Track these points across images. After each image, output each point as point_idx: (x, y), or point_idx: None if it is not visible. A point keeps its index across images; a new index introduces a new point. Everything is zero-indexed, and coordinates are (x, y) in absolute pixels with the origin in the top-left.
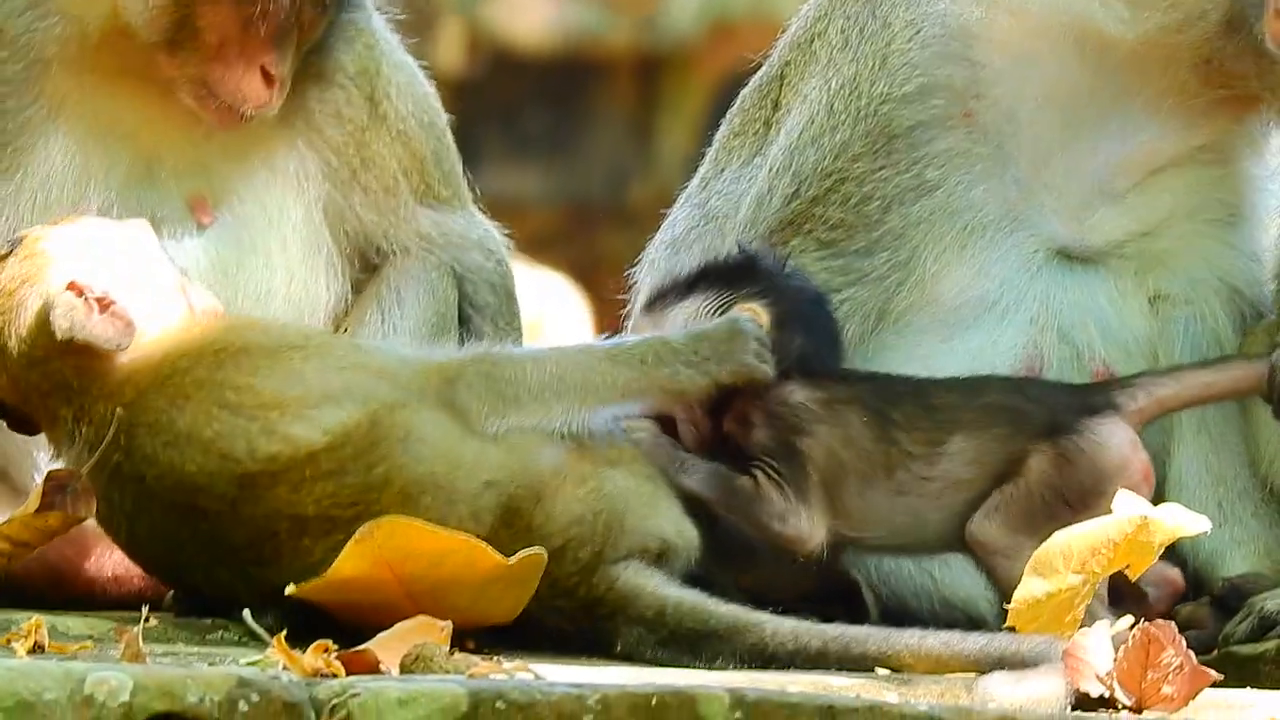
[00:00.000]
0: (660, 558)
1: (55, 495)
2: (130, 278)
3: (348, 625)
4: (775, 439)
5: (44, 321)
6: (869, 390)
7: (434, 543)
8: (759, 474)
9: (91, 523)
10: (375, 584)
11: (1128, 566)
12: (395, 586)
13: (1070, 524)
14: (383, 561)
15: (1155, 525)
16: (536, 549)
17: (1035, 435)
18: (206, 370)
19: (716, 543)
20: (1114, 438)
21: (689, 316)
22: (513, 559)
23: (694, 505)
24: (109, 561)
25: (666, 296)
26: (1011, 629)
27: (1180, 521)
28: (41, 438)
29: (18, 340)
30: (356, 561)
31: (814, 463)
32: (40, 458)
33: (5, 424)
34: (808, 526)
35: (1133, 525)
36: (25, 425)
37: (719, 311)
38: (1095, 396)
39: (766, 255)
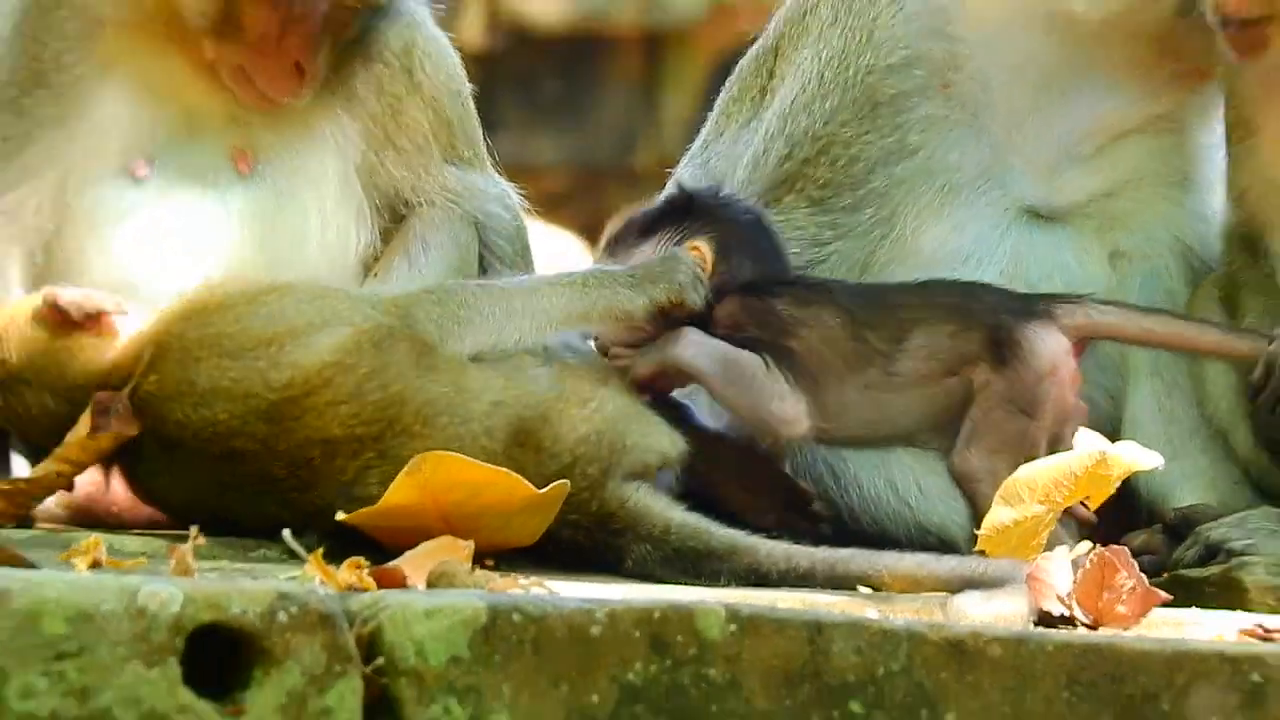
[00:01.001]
0: (660, 469)
1: (101, 418)
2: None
3: (379, 545)
4: (767, 339)
5: (39, 323)
6: (838, 295)
7: (476, 474)
8: (766, 356)
9: None
10: (418, 511)
11: (1088, 497)
12: (436, 514)
13: (1031, 431)
14: (429, 492)
15: (1113, 460)
16: (563, 481)
17: (981, 334)
18: (197, 331)
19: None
20: (1045, 341)
21: (645, 258)
22: (543, 490)
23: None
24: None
25: (624, 239)
26: (981, 553)
27: (1135, 457)
28: None
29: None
30: (406, 491)
31: (802, 359)
32: None
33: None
34: (802, 411)
35: (1092, 460)
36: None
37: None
38: (1036, 304)
39: (704, 191)
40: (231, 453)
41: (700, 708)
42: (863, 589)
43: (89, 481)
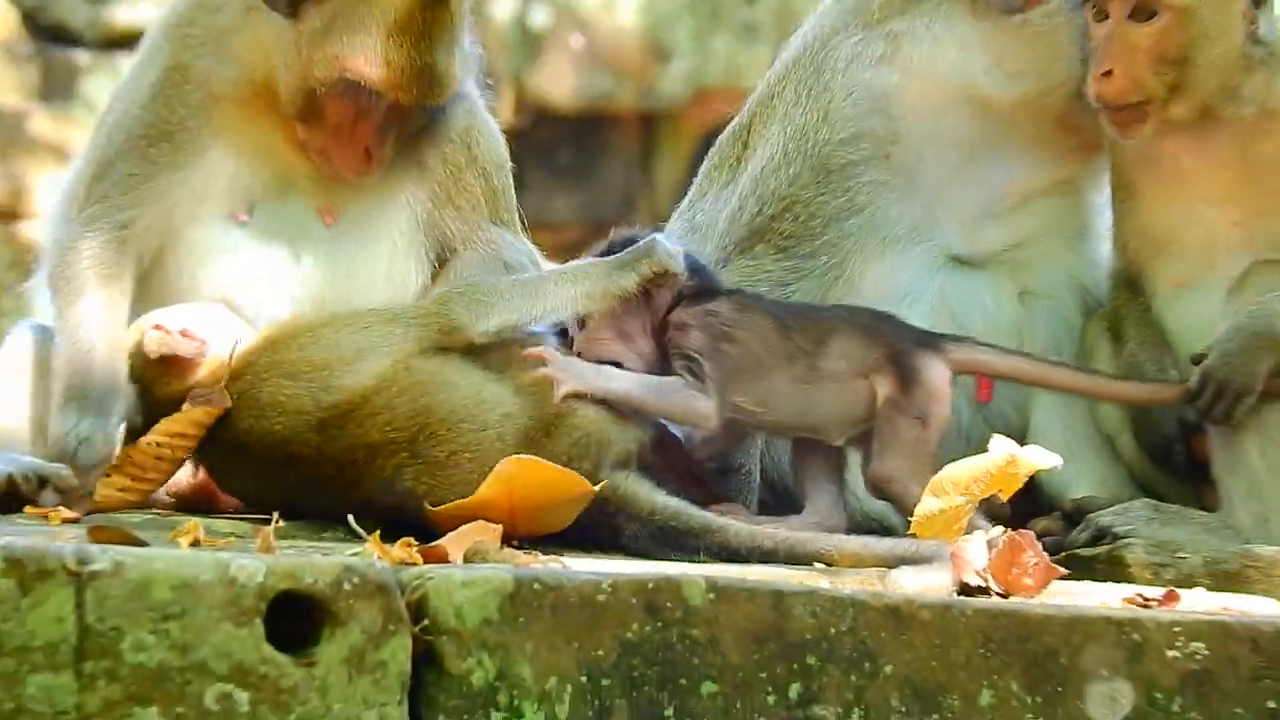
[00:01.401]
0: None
1: (198, 400)
2: (196, 318)
3: (424, 528)
4: (707, 339)
5: (141, 353)
6: (769, 305)
7: (549, 474)
8: (683, 372)
9: None
10: (495, 504)
11: (1001, 491)
12: (507, 507)
13: (926, 438)
14: (511, 487)
15: (1020, 461)
16: (603, 482)
17: (886, 350)
18: (268, 357)
19: None
20: (936, 369)
21: None
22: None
23: None
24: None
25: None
26: (913, 536)
27: (1038, 459)
28: None
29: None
30: (496, 487)
31: (732, 359)
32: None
33: None
34: (713, 408)
35: (1004, 460)
36: None
37: None
38: (930, 338)
39: (641, 234)
40: (289, 457)
41: (685, 660)
42: (818, 565)
43: (190, 476)
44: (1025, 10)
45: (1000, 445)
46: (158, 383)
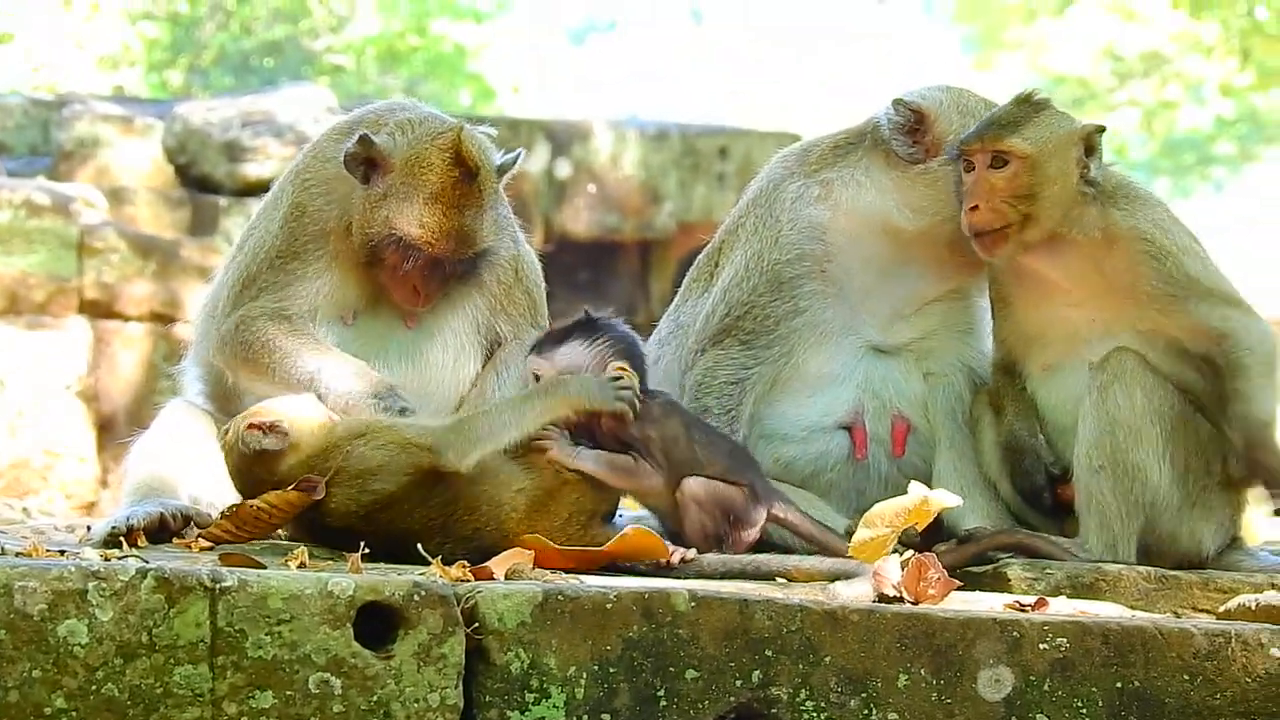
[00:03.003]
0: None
1: (304, 485)
2: (286, 409)
3: (474, 554)
4: (642, 430)
5: (236, 447)
6: (680, 410)
7: (654, 546)
8: (633, 454)
9: None
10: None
11: (916, 524)
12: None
13: (738, 539)
14: (620, 549)
15: (932, 501)
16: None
17: (746, 479)
18: (320, 463)
19: None
20: (761, 511)
21: (563, 355)
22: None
23: None
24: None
25: (546, 344)
26: (850, 557)
27: (946, 499)
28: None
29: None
30: (618, 546)
31: (659, 443)
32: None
33: None
34: (658, 481)
35: (920, 500)
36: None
37: (586, 348)
38: (766, 493)
39: (600, 314)
40: (346, 530)
41: (673, 652)
42: (778, 580)
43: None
44: (926, 161)
45: (916, 489)
46: (249, 472)
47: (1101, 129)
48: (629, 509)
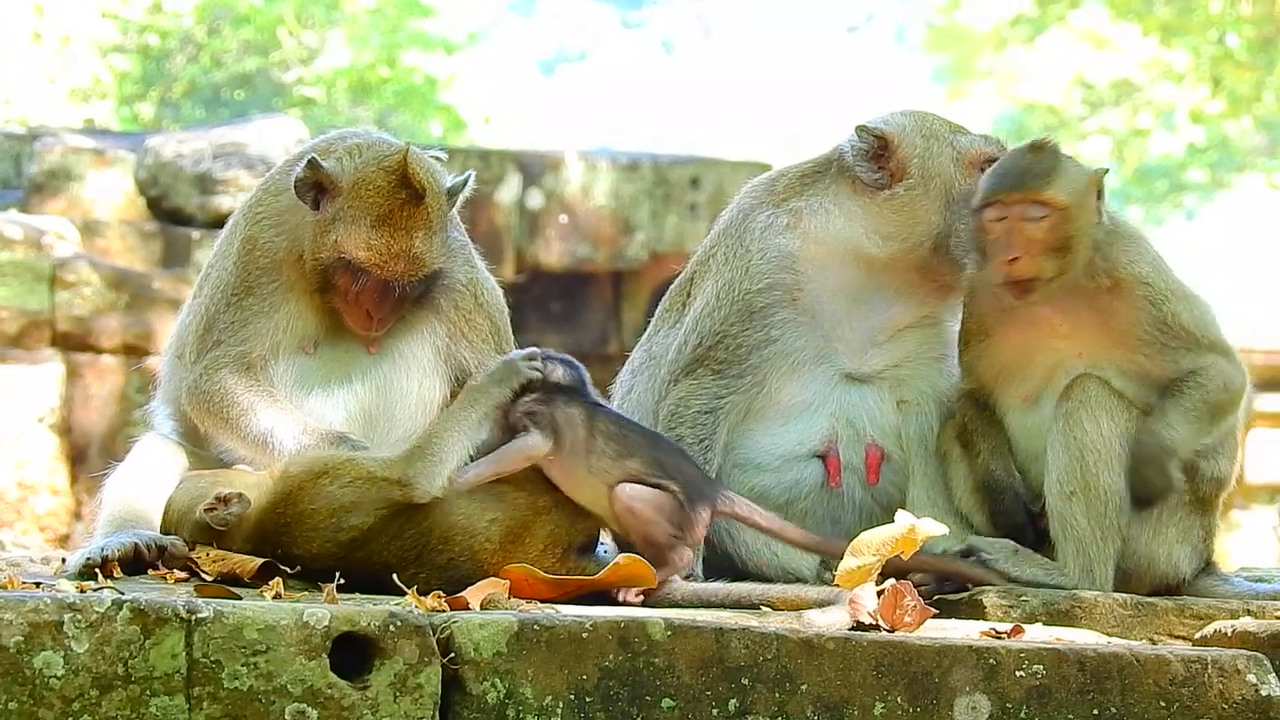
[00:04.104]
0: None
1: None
2: (229, 485)
3: (449, 583)
4: (544, 406)
5: (193, 522)
6: (599, 413)
7: (643, 574)
8: (524, 426)
9: None
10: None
11: (902, 552)
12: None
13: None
14: (611, 578)
15: (918, 530)
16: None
17: (679, 485)
18: (293, 509)
19: None
20: (706, 513)
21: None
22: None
23: None
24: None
25: None
26: (836, 586)
27: (932, 528)
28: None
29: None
30: (610, 576)
31: (549, 419)
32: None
33: None
34: (544, 437)
35: (906, 529)
36: None
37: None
38: (709, 489)
39: (548, 352)
40: (324, 563)
41: (649, 681)
42: (764, 608)
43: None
44: (891, 186)
45: (903, 517)
46: (203, 536)
47: (1105, 171)
48: (608, 541)
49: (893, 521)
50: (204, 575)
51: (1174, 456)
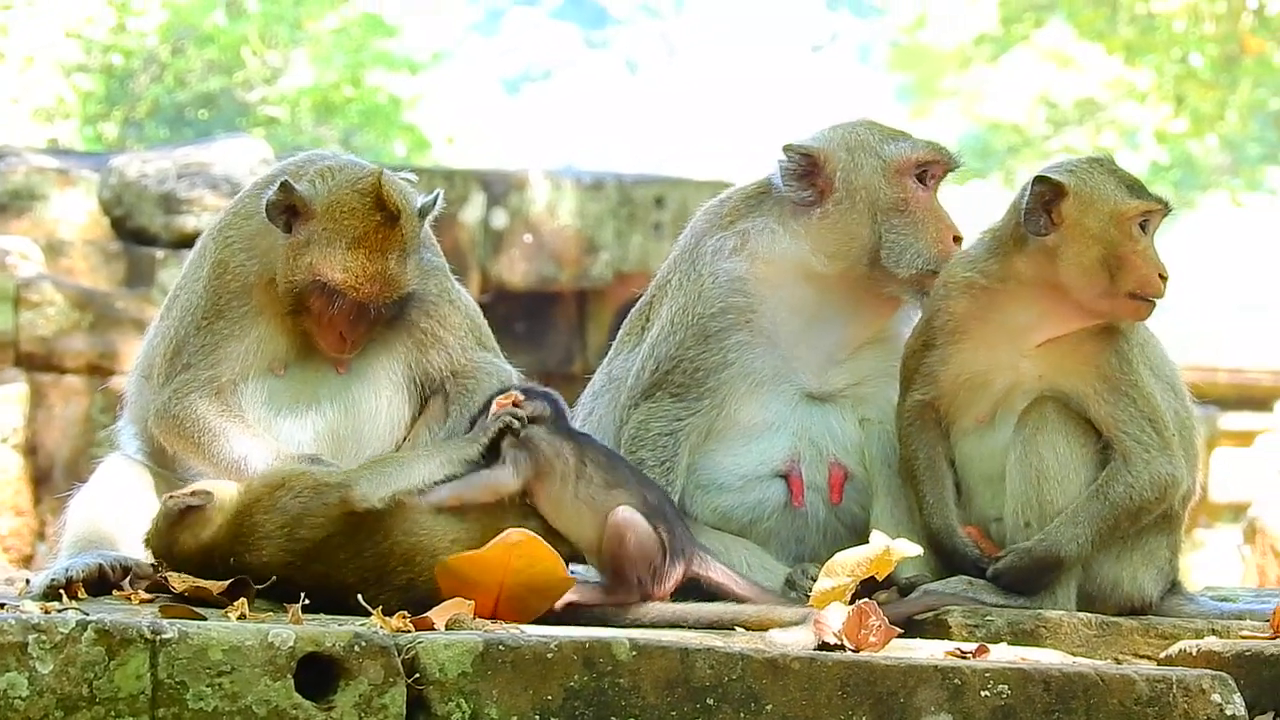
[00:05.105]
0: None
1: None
2: (206, 482)
3: (414, 603)
4: (532, 448)
5: (160, 527)
6: (589, 443)
7: (541, 552)
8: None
9: None
10: (493, 563)
11: (877, 573)
12: (497, 580)
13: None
14: (508, 555)
15: (893, 550)
16: (570, 577)
17: (664, 526)
18: (248, 521)
19: None
20: (679, 568)
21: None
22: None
23: None
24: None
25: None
26: (812, 606)
27: (906, 549)
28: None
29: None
30: (499, 550)
31: (542, 458)
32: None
33: None
34: (513, 474)
35: (881, 550)
36: None
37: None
38: (690, 544)
39: (528, 387)
40: (287, 579)
41: (614, 702)
42: (739, 629)
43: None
44: (822, 203)
45: (878, 538)
46: (177, 545)
47: None
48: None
49: (858, 540)
50: (173, 589)
51: (1065, 567)
